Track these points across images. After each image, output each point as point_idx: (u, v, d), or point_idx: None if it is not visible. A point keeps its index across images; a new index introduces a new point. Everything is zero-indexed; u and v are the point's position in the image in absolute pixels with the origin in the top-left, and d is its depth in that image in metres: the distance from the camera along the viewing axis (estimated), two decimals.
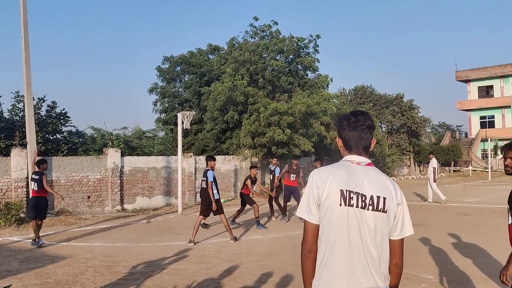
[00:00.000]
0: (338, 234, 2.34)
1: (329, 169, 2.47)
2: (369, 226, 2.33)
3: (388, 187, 2.41)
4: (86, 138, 21.81)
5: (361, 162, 2.46)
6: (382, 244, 2.36)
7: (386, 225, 2.37)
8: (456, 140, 50.34)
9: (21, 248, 9.75)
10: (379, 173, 2.47)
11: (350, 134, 2.49)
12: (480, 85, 50.96)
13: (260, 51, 21.66)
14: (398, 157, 35.13)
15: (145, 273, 7.47)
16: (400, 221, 2.42)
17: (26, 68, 14.17)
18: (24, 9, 14.21)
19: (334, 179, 2.38)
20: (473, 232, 10.78)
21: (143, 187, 17.41)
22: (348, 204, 2.34)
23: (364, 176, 2.40)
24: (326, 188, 2.37)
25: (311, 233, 2.45)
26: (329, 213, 2.36)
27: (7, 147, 15.21)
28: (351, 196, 2.34)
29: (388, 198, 2.37)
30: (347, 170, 2.43)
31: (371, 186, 2.37)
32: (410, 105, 38.01)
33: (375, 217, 2.34)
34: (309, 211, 2.44)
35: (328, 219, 2.37)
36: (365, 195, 2.35)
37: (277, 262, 8.11)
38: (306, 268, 2.47)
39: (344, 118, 2.55)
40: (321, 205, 2.40)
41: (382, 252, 2.36)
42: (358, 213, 2.33)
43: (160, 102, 26.20)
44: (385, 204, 2.35)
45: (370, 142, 2.51)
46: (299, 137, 20.17)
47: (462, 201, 18.11)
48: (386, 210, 2.35)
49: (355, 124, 2.48)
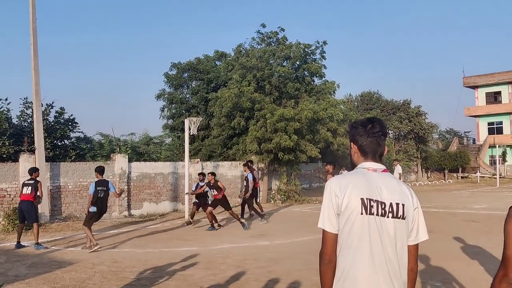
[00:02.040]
0: (359, 243, 2.32)
1: (347, 177, 2.45)
2: (390, 234, 2.32)
3: (405, 193, 2.40)
4: (94, 144, 21.93)
5: (378, 169, 2.46)
6: (402, 251, 2.36)
7: (406, 231, 2.37)
8: (464, 146, 50.04)
9: (29, 253, 9.80)
10: (395, 180, 2.47)
11: (368, 141, 2.48)
12: (488, 91, 50.66)
13: (267, 57, 21.70)
14: (405, 163, 35.00)
15: (152, 279, 7.48)
16: (416, 226, 2.42)
17: (34, 75, 14.31)
18: (33, 17, 14.37)
19: (354, 187, 2.36)
20: (481, 239, 10.69)
21: (150, 193, 17.45)
22: (369, 212, 2.33)
23: (382, 183, 2.39)
24: (346, 197, 2.35)
25: (331, 243, 2.40)
26: (350, 222, 2.34)
27: (15, 152, 15.32)
28: (371, 204, 2.33)
29: (407, 204, 2.37)
30: (365, 177, 2.41)
31: (389, 193, 2.36)
32: (418, 111, 37.89)
33: (395, 224, 2.33)
34: (330, 221, 2.40)
35: (349, 228, 2.34)
36: (385, 202, 2.34)
37: (284, 269, 8.09)
38: (325, 279, 2.41)
39: (360, 124, 2.53)
40: (340, 214, 2.37)
41: (402, 259, 2.36)
42: (378, 221, 2.32)
43: (167, 108, 26.32)
44: (404, 211, 2.35)
45: (384, 149, 2.53)
46: (306, 143, 20.14)
47: (470, 207, 17.98)
48: (405, 216, 2.36)
49: (372, 131, 2.48)
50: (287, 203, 20.42)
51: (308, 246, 10.18)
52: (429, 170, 41.71)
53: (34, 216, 10.60)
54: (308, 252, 9.39)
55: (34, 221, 10.51)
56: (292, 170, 21.90)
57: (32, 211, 10.54)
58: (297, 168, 21.98)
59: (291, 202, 20.63)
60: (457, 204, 18.77)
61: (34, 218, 10.56)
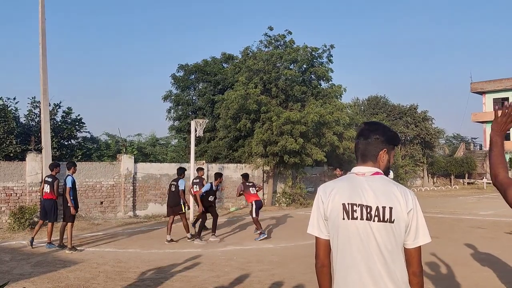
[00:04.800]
0: (345, 248, 2.34)
1: (334, 182, 2.48)
2: (377, 238, 2.29)
3: (396, 195, 2.33)
4: (100, 144, 22.04)
5: (366, 172, 2.42)
6: (393, 255, 2.30)
7: (395, 235, 2.31)
8: (470, 152, 49.79)
9: (34, 252, 9.85)
10: (387, 182, 2.41)
11: (358, 145, 2.50)
12: (496, 97, 50.36)
13: (274, 60, 21.71)
14: (411, 168, 34.84)
15: (155, 280, 7.49)
16: (413, 229, 2.35)
17: (43, 75, 14.40)
18: (43, 17, 14.47)
19: (337, 193, 2.38)
20: (487, 245, 10.61)
21: (155, 194, 17.49)
22: (351, 217, 2.32)
23: (369, 187, 2.36)
24: (330, 203, 2.37)
25: (323, 248, 2.47)
26: (335, 228, 2.37)
27: (22, 152, 15.42)
28: (354, 209, 2.32)
29: (396, 207, 2.30)
30: (351, 182, 2.41)
31: (376, 197, 2.32)
32: (424, 116, 37.73)
33: (383, 228, 2.29)
34: (318, 227, 2.45)
35: (334, 234, 2.38)
36: (370, 206, 2.31)
37: (287, 272, 8.08)
38: (322, 283, 2.49)
39: (358, 128, 2.56)
40: (327, 220, 2.41)
41: (394, 263, 2.30)
42: (363, 226, 2.31)
43: (174, 109, 26.39)
44: (391, 214, 2.30)
45: (378, 152, 2.45)
46: (312, 147, 20.12)
47: (476, 214, 17.87)
48: (393, 220, 2.30)
49: (361, 134, 2.49)
50: (292, 207, 20.39)
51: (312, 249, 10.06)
52: (435, 176, 41.48)
53: (53, 216, 10.45)
54: (312, 256, 9.27)
55: (52, 221, 10.43)
56: (297, 173, 21.87)
57: (53, 210, 10.40)
58: (302, 171, 21.95)
59: (296, 205, 20.60)
60: (463, 210, 18.65)
61: (53, 218, 10.43)
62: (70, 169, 10.36)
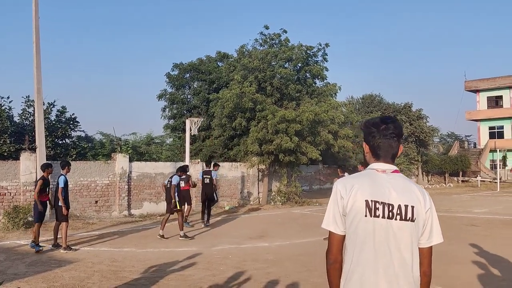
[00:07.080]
0: (363, 245, 2.30)
1: (353, 178, 2.42)
2: (397, 236, 2.27)
3: (416, 194, 2.34)
4: (95, 143, 21.95)
5: (387, 169, 2.40)
6: (412, 254, 2.30)
7: (415, 234, 2.31)
8: (464, 150, 50.05)
9: (29, 252, 9.80)
10: (406, 180, 2.41)
11: (380, 142, 2.42)
12: (490, 95, 50.67)
13: (269, 59, 21.71)
14: (406, 166, 34.96)
15: (151, 279, 7.48)
16: (428, 228, 2.35)
17: (37, 74, 14.31)
18: (36, 16, 14.38)
19: (359, 189, 2.33)
20: (481, 242, 10.67)
21: (150, 193, 17.46)
22: (374, 215, 2.29)
23: (390, 185, 2.34)
24: (351, 199, 2.32)
25: (337, 244, 2.40)
26: (354, 224, 2.32)
27: (16, 151, 15.34)
28: (376, 206, 2.29)
29: (417, 206, 2.31)
30: (373, 179, 2.37)
31: (398, 195, 2.31)
32: (419, 115, 37.89)
33: (404, 226, 2.28)
34: (334, 222, 2.39)
35: (353, 230, 2.33)
36: (392, 204, 2.29)
37: (282, 270, 8.09)
38: (332, 279, 2.42)
39: (373, 125, 2.46)
40: (346, 215, 2.35)
41: (412, 261, 2.30)
42: (384, 224, 2.28)
43: (168, 108, 26.33)
44: (413, 213, 2.29)
45: (398, 149, 2.46)
46: (307, 145, 20.14)
47: (470, 211, 17.96)
48: (414, 219, 2.29)
49: (385, 132, 2.42)
50: (287, 205, 20.41)
51: (307, 248, 10.19)
52: (429, 174, 41.68)
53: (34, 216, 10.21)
54: (307, 254, 9.40)
55: (35, 221, 10.15)
56: (292, 172, 21.90)
57: (33, 210, 10.24)
58: (297, 170, 21.98)
59: (291, 204, 20.62)
60: (457, 208, 18.73)
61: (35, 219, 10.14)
62: (64, 169, 10.26)
